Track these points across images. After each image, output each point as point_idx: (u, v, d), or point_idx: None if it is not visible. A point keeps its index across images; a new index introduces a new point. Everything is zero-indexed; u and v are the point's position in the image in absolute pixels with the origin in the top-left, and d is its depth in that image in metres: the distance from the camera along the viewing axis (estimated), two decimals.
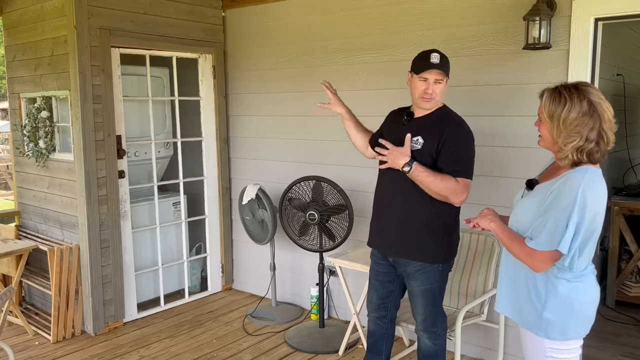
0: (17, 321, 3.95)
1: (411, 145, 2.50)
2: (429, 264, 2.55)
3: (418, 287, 2.60)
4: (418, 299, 2.62)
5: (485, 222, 2.03)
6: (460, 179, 2.44)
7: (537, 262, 1.84)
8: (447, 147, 2.46)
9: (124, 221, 3.97)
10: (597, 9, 2.84)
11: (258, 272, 4.58)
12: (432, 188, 2.43)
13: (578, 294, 1.87)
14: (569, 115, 1.78)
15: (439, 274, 2.58)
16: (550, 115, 1.82)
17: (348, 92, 3.84)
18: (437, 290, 2.61)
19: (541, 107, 1.87)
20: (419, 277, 2.58)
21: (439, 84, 2.49)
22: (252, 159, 4.55)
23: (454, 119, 2.56)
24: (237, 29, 4.48)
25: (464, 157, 2.49)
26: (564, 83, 1.87)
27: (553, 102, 1.82)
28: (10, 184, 10.53)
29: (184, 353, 3.61)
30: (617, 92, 4.49)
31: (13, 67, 4.28)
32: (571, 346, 1.90)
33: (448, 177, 2.43)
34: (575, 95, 1.79)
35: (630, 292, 4.26)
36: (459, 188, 2.44)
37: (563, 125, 1.79)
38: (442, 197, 2.46)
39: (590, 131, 1.77)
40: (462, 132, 2.52)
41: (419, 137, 2.51)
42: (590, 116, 1.77)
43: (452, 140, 2.46)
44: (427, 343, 2.67)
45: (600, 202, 1.81)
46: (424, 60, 2.48)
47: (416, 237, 2.55)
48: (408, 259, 2.58)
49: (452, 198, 2.45)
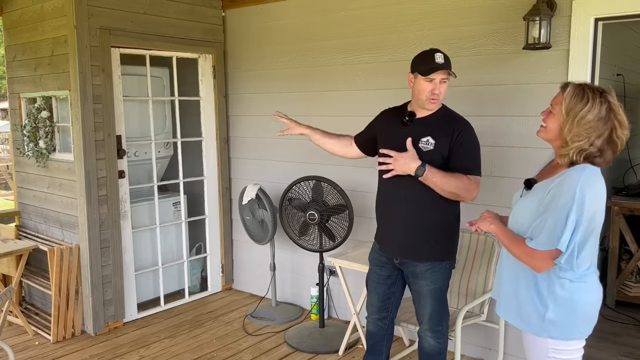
0: (17, 321, 3.95)
1: (422, 146, 2.50)
2: (439, 262, 2.57)
3: (427, 286, 2.59)
4: (427, 299, 2.61)
5: (485, 224, 2.03)
6: (472, 176, 2.47)
7: (538, 262, 1.84)
8: (459, 146, 2.48)
9: (124, 221, 3.97)
10: (597, 9, 2.84)
11: (258, 272, 4.58)
12: (446, 188, 2.44)
13: (581, 294, 1.86)
14: (587, 115, 1.78)
15: (447, 272, 2.61)
16: (568, 110, 1.81)
17: (348, 92, 3.85)
18: (445, 288, 2.63)
19: (559, 99, 1.85)
20: (429, 276, 2.57)
21: (444, 83, 2.50)
22: (252, 159, 4.55)
23: (461, 118, 2.58)
24: (237, 29, 4.48)
25: (474, 155, 2.53)
26: (589, 83, 1.86)
27: (575, 97, 1.81)
28: (10, 184, 10.53)
29: (184, 353, 3.61)
30: (617, 92, 4.43)
31: (13, 67, 4.28)
32: (574, 346, 1.90)
33: (460, 175, 2.45)
34: (597, 97, 1.79)
35: (630, 292, 4.26)
36: (471, 185, 2.46)
37: (578, 123, 1.78)
38: (455, 196, 2.47)
39: (597, 137, 1.78)
40: (471, 131, 2.54)
41: (429, 138, 2.50)
42: (604, 122, 1.78)
43: (463, 139, 2.48)
44: (432, 342, 2.67)
45: (599, 201, 1.80)
46: (428, 61, 2.47)
47: (425, 237, 2.55)
48: (418, 260, 2.58)
49: (465, 195, 2.47)
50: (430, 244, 2.55)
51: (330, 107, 3.96)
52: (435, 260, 2.56)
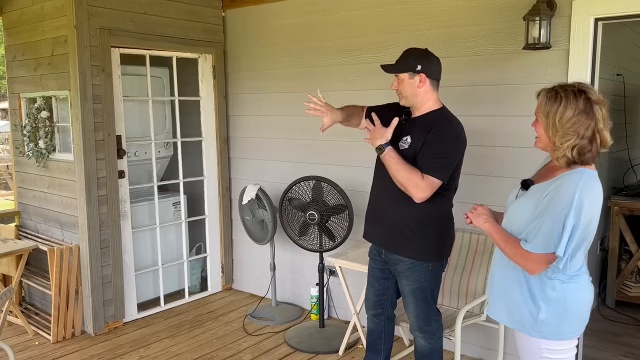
0: (17, 321, 3.95)
1: (400, 144, 2.52)
2: (419, 262, 2.55)
3: (408, 285, 2.60)
4: (408, 298, 2.63)
5: (479, 221, 2.02)
6: (427, 176, 2.41)
7: (532, 264, 1.84)
8: (427, 145, 2.46)
9: (124, 221, 3.97)
10: (597, 9, 2.84)
11: (258, 272, 4.58)
12: (396, 176, 2.44)
13: (572, 295, 1.87)
14: (564, 113, 1.78)
15: (429, 273, 2.57)
16: (546, 113, 1.83)
17: (348, 92, 3.84)
18: (428, 289, 2.60)
19: (538, 106, 1.87)
20: (409, 275, 2.58)
21: (402, 82, 2.55)
22: (252, 159, 4.55)
23: (445, 121, 2.52)
24: (237, 29, 4.48)
25: (438, 157, 2.45)
26: (562, 83, 1.87)
27: (549, 100, 1.83)
28: (10, 184, 10.53)
29: (184, 353, 3.61)
30: (617, 92, 4.49)
31: (13, 67, 4.28)
32: (566, 346, 1.91)
33: (416, 171, 2.42)
34: (571, 94, 1.79)
35: (630, 292, 4.26)
36: (421, 184, 2.40)
37: (559, 123, 1.79)
38: (404, 188, 2.44)
39: (586, 129, 1.77)
40: (447, 135, 2.48)
41: (408, 137, 2.53)
42: (586, 114, 1.77)
43: (433, 140, 2.45)
44: (422, 342, 2.67)
45: (596, 206, 1.81)
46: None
47: (404, 233, 2.55)
48: (396, 254, 2.59)
49: (412, 191, 2.42)
50: (409, 241, 2.54)
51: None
52: (415, 259, 2.55)
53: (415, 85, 2.50)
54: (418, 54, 2.54)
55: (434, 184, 2.43)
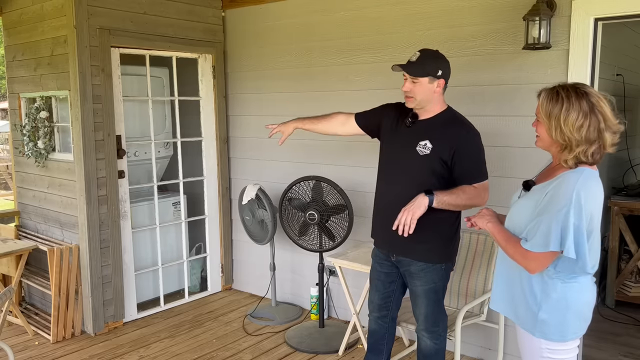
0: (17, 321, 3.95)
1: (419, 149, 2.49)
2: (432, 264, 2.55)
3: (421, 286, 2.59)
4: (421, 299, 2.62)
5: (482, 222, 2.03)
6: (478, 184, 2.46)
7: (531, 263, 1.84)
8: (461, 156, 2.44)
9: (123, 221, 3.97)
10: (597, 9, 2.84)
11: (258, 272, 4.58)
12: (460, 203, 2.45)
13: (573, 294, 1.87)
14: (569, 114, 1.77)
15: (442, 273, 2.59)
16: (548, 114, 1.82)
17: (348, 92, 3.85)
18: (440, 290, 2.61)
19: (538, 107, 1.87)
20: (423, 276, 2.57)
21: (416, 84, 2.51)
22: (252, 159, 4.55)
23: (464, 122, 2.53)
24: (237, 29, 4.48)
25: (477, 162, 2.50)
26: (562, 83, 1.87)
27: (550, 101, 1.82)
28: (10, 184, 10.53)
29: (184, 353, 3.60)
30: (617, 92, 4.49)
31: (13, 67, 4.28)
32: (568, 346, 1.90)
33: (467, 187, 2.44)
34: (573, 95, 1.79)
35: (630, 292, 4.26)
36: (480, 193, 2.47)
37: (565, 124, 1.78)
38: (469, 207, 2.49)
39: (593, 131, 1.77)
40: (473, 135, 2.50)
41: (427, 142, 2.48)
42: (590, 115, 1.77)
43: (466, 146, 2.45)
44: (428, 343, 2.67)
45: (596, 203, 1.80)
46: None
47: (420, 237, 2.52)
48: (412, 259, 2.57)
49: (477, 202, 2.48)
50: (425, 245, 2.54)
51: (330, 107, 3.91)
52: (429, 262, 2.55)
53: (432, 90, 2.48)
54: (437, 57, 2.51)
55: (486, 185, 2.51)
